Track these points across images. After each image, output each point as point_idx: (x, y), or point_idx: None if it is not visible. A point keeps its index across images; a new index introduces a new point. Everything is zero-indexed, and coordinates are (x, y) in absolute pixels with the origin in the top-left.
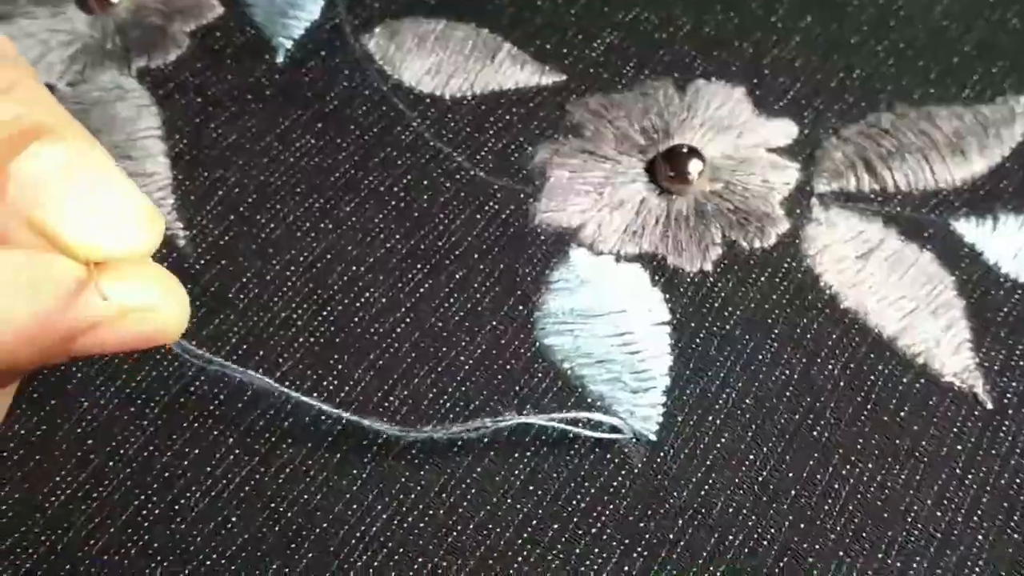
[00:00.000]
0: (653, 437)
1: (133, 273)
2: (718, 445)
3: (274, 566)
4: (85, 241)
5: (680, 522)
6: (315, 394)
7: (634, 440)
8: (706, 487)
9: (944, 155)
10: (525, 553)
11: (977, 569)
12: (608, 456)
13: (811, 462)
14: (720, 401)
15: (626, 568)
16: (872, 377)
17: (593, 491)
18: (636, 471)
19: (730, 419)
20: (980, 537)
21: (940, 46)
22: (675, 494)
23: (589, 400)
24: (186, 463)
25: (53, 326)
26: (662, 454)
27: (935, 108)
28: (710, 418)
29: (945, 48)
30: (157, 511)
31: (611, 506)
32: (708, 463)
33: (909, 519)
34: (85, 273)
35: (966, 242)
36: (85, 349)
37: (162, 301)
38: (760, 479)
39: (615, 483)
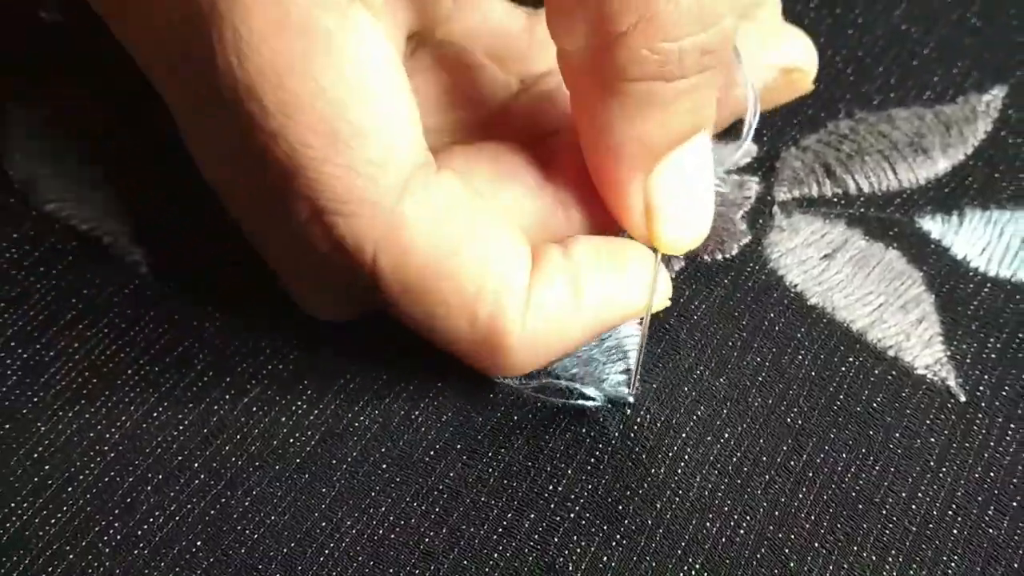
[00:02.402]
0: (631, 399)
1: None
2: (694, 417)
3: None
4: (675, 236)
5: (659, 505)
6: (283, 419)
7: (608, 405)
8: (683, 463)
9: (906, 155)
10: (501, 548)
11: (953, 564)
12: (584, 431)
13: (785, 447)
14: (694, 376)
15: (605, 559)
16: (843, 368)
17: (570, 472)
18: (613, 442)
19: (705, 394)
20: (955, 531)
21: (900, 50)
22: (652, 470)
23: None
24: (149, 488)
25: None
26: (639, 422)
27: (895, 110)
28: (685, 388)
29: (905, 51)
30: (119, 537)
31: (589, 487)
32: (684, 435)
33: (884, 512)
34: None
35: (932, 239)
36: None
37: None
38: (735, 459)
39: (592, 459)
